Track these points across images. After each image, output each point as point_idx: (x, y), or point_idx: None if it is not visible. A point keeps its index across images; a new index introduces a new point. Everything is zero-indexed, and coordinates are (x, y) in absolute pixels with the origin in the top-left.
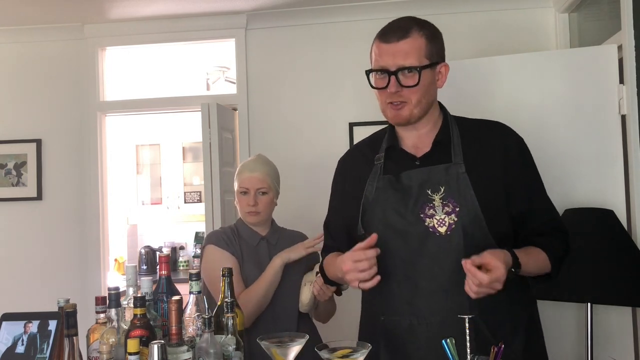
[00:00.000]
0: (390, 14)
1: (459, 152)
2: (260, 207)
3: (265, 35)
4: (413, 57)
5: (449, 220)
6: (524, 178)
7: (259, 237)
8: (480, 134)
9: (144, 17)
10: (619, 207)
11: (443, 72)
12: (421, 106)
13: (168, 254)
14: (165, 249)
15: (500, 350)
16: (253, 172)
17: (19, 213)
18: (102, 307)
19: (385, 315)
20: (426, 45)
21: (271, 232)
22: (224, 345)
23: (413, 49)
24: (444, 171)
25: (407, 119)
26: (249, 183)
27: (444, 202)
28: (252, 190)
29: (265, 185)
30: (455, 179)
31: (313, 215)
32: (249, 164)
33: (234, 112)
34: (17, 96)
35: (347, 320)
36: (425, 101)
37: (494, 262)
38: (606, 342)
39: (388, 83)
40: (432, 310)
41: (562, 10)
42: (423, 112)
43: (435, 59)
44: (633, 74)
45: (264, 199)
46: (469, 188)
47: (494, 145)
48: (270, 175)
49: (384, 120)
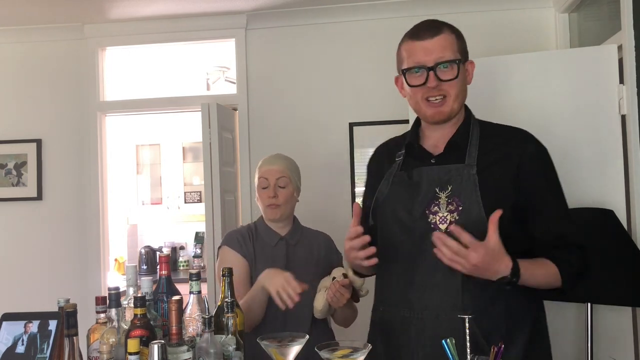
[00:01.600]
0: (390, 14)
1: (474, 154)
2: (281, 200)
3: (265, 35)
4: (449, 51)
5: (451, 218)
6: (539, 188)
7: (278, 237)
8: (500, 139)
9: (144, 17)
10: (619, 207)
11: (470, 70)
12: (459, 101)
13: (168, 254)
14: (165, 249)
15: (500, 350)
16: (272, 165)
17: (19, 213)
18: (102, 307)
19: (383, 306)
20: (457, 42)
21: (291, 232)
22: (224, 345)
23: (448, 44)
24: (454, 171)
25: (448, 114)
26: (269, 174)
27: (449, 200)
28: (272, 181)
29: (285, 176)
30: (464, 179)
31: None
32: (269, 158)
33: (234, 112)
34: (17, 96)
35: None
36: (462, 96)
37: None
38: (606, 342)
39: (427, 79)
40: (423, 305)
41: (562, 10)
42: (460, 107)
43: (465, 55)
44: (633, 74)
45: (284, 192)
46: (475, 189)
47: (510, 151)
48: (290, 169)
49: (384, 120)
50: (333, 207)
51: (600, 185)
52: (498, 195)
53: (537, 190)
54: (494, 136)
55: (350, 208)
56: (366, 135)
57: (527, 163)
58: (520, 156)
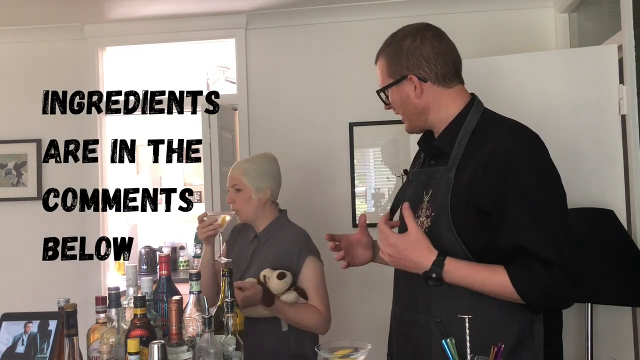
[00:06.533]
0: (390, 14)
1: (458, 155)
2: (237, 205)
3: (265, 35)
4: (380, 80)
5: (425, 224)
6: (501, 192)
7: (254, 235)
8: (479, 135)
9: (144, 17)
10: (619, 207)
11: (413, 84)
12: (410, 119)
13: (168, 254)
14: (165, 249)
15: (500, 350)
16: (231, 172)
17: (19, 213)
18: (102, 307)
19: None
20: (387, 66)
21: (265, 230)
22: (224, 345)
23: (379, 72)
24: (438, 174)
25: (409, 130)
26: (228, 181)
27: (428, 205)
28: (230, 187)
29: (237, 182)
30: (442, 184)
31: (313, 214)
32: (233, 165)
33: (234, 112)
34: (17, 96)
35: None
36: (410, 114)
37: (388, 235)
38: (606, 342)
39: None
40: (401, 303)
41: (562, 10)
42: (420, 122)
43: (398, 76)
44: (633, 74)
45: (240, 195)
46: (447, 195)
47: (483, 147)
48: (246, 173)
49: (384, 120)
50: (333, 207)
51: (600, 185)
52: (462, 203)
53: (500, 194)
54: (479, 131)
55: (350, 208)
56: (366, 135)
57: (494, 161)
58: (490, 153)
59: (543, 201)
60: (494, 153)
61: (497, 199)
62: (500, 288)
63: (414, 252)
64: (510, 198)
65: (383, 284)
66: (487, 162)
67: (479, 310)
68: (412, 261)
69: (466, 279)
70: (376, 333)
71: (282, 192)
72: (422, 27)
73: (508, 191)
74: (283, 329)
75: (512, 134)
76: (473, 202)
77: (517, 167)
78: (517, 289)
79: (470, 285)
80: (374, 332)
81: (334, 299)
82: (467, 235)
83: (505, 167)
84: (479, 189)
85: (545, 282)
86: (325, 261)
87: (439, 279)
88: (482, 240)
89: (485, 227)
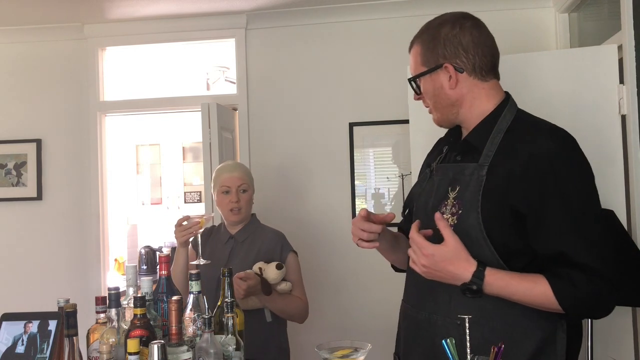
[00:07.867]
0: (390, 13)
1: (491, 152)
2: (242, 204)
3: (265, 35)
4: (412, 68)
5: (451, 222)
6: (541, 194)
7: (229, 236)
8: (515, 135)
9: (143, 17)
10: (619, 207)
11: (448, 73)
12: (441, 111)
13: (168, 254)
14: (165, 249)
15: (501, 350)
16: (233, 173)
17: (19, 213)
18: (102, 307)
19: (403, 297)
20: (422, 53)
21: (241, 231)
22: (224, 345)
23: (413, 60)
24: (467, 170)
25: (438, 123)
26: (231, 182)
27: (455, 202)
28: (234, 188)
29: (245, 183)
30: (472, 180)
31: (313, 214)
32: (227, 167)
33: (234, 112)
34: (17, 96)
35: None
36: (442, 105)
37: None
38: (606, 342)
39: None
40: (416, 303)
41: (562, 10)
42: (451, 115)
43: (432, 64)
44: (633, 74)
45: (245, 196)
46: (477, 193)
47: (518, 148)
48: (248, 175)
49: (384, 120)
50: (333, 207)
51: (600, 185)
52: (495, 204)
53: (540, 196)
54: (516, 131)
55: (350, 208)
56: (366, 135)
57: (534, 162)
58: (530, 154)
59: (584, 206)
60: (534, 154)
61: (537, 201)
62: (542, 298)
63: (452, 264)
64: (551, 201)
65: (383, 284)
66: (526, 163)
67: (502, 314)
68: (450, 272)
69: (506, 289)
70: (376, 333)
71: (282, 192)
72: (462, 16)
73: (549, 194)
74: (267, 320)
75: (552, 136)
76: (508, 203)
77: (559, 170)
78: (561, 301)
79: (509, 296)
80: (374, 332)
81: (334, 298)
82: (497, 237)
83: (546, 169)
84: (516, 190)
85: (589, 294)
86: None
87: (479, 291)
88: (513, 244)
89: (519, 230)
